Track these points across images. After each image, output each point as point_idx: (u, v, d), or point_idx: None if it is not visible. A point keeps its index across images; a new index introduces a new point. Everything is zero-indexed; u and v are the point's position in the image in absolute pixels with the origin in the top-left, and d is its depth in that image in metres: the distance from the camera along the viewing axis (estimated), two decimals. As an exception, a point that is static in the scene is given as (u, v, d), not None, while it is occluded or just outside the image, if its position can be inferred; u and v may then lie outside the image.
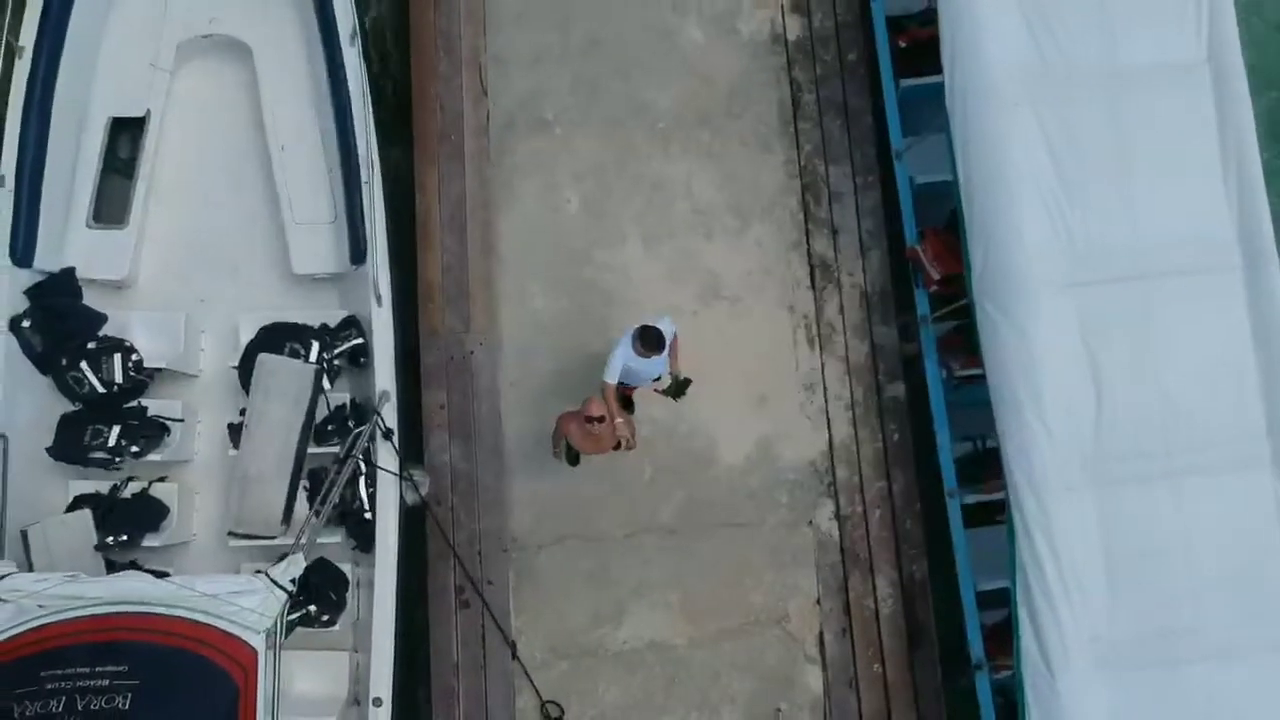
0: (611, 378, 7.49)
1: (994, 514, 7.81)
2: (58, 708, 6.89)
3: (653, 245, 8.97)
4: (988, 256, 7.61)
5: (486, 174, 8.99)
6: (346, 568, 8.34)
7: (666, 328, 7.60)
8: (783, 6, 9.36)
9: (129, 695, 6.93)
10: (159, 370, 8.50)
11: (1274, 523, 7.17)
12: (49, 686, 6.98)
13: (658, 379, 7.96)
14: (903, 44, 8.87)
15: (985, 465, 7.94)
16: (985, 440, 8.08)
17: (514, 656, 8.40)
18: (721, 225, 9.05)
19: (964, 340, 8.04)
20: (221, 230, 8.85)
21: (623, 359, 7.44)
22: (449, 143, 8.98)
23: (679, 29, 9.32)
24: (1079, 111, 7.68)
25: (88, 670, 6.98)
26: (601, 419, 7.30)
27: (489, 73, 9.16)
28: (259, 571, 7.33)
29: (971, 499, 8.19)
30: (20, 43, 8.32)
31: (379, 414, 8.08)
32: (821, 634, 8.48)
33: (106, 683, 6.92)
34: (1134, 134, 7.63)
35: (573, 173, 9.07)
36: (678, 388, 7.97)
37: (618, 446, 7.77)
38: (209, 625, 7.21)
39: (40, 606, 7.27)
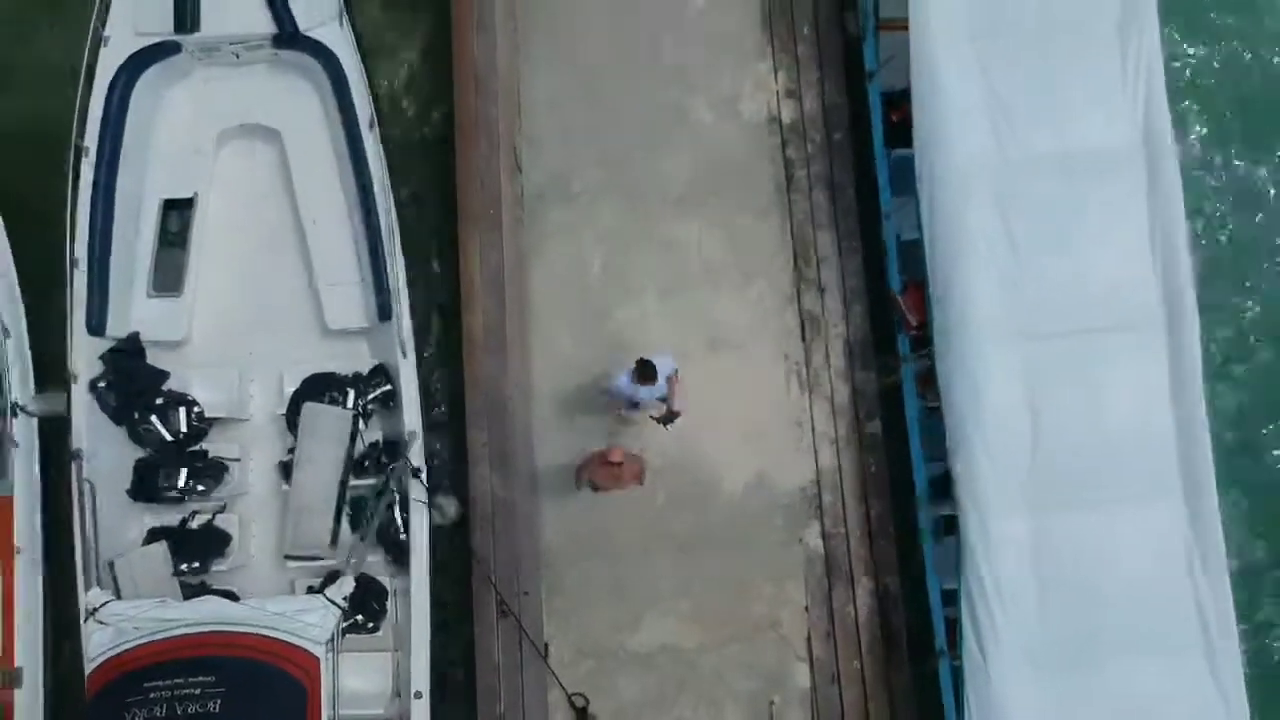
0: (617, 396, 9.09)
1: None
2: (161, 713, 8.24)
3: (666, 301, 10.25)
4: (947, 312, 8.92)
5: (521, 241, 10.32)
6: (385, 580, 9.69)
7: (666, 363, 8.90)
8: (778, 92, 10.64)
9: (219, 700, 8.27)
10: (217, 419, 9.85)
11: (1181, 546, 8.48)
12: (152, 695, 8.30)
13: (662, 399, 9.20)
14: (895, 119, 10.06)
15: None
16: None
17: (545, 658, 9.76)
18: (727, 282, 10.33)
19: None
20: (264, 293, 10.12)
21: (624, 387, 8.97)
22: (488, 216, 10.29)
23: (691, 110, 10.61)
24: (1030, 188, 8.94)
25: (182, 681, 8.33)
26: (621, 463, 8.68)
27: (523, 151, 10.49)
28: (317, 591, 8.82)
29: (939, 512, 9.46)
30: (85, 144, 9.62)
31: (407, 456, 9.43)
32: (809, 637, 9.79)
33: (199, 691, 8.25)
34: (1077, 208, 8.90)
35: (596, 237, 10.38)
36: (668, 418, 9.27)
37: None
38: (279, 639, 8.60)
39: (135, 629, 8.68)
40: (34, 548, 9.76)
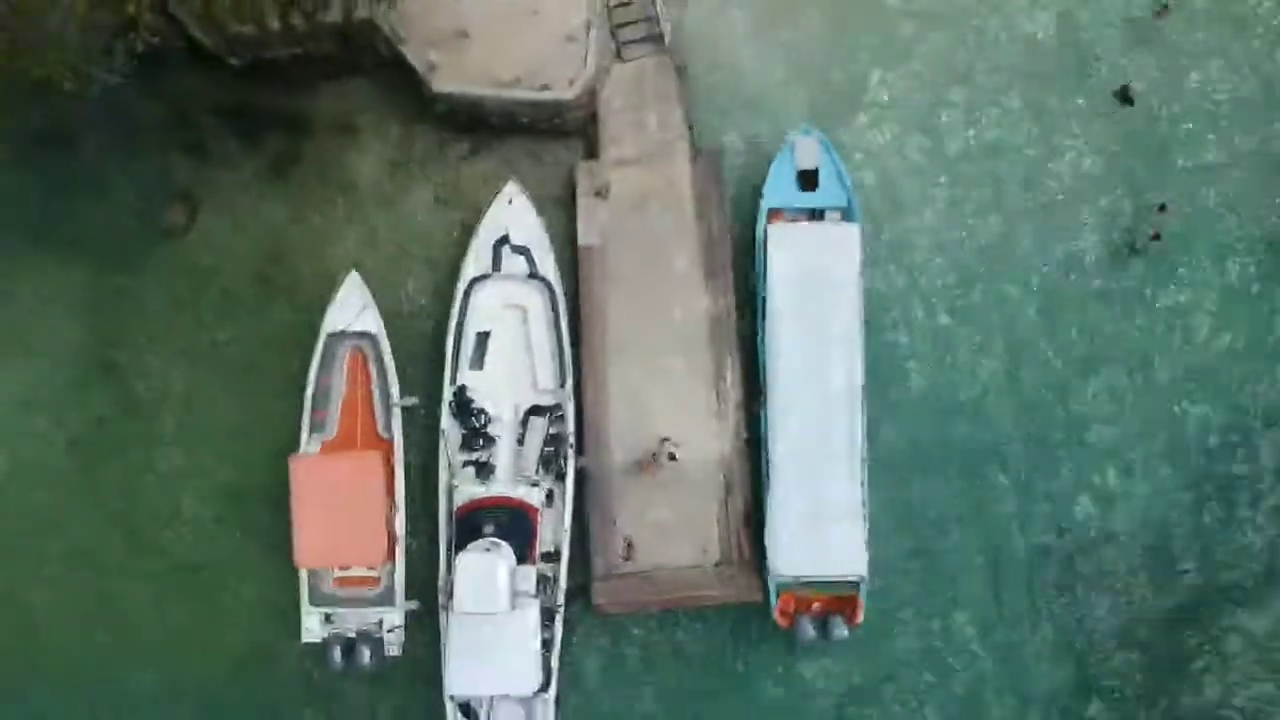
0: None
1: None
2: (483, 523, 23.58)
3: (668, 395, 25.60)
4: (769, 392, 24.38)
5: (609, 367, 25.59)
6: (554, 486, 24.65)
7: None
8: (719, 300, 25.79)
9: (506, 519, 23.70)
10: (493, 418, 24.84)
11: (845, 454, 24.11)
12: (479, 516, 23.73)
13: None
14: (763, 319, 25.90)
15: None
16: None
17: (615, 524, 25.12)
18: (694, 381, 25.62)
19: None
20: (512, 370, 24.90)
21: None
22: (596, 355, 25.35)
23: (674, 308, 25.96)
24: (801, 353, 24.50)
25: (489, 511, 23.79)
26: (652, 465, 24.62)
27: (608, 327, 25.89)
28: (536, 485, 24.21)
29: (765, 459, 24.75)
30: (453, 313, 25.10)
31: (573, 448, 24.85)
32: (718, 514, 25.26)
33: (495, 516, 23.68)
34: (821, 368, 24.39)
35: (639, 369, 25.54)
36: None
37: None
38: (524, 500, 23.96)
39: (475, 493, 24.04)
40: (401, 452, 24.92)
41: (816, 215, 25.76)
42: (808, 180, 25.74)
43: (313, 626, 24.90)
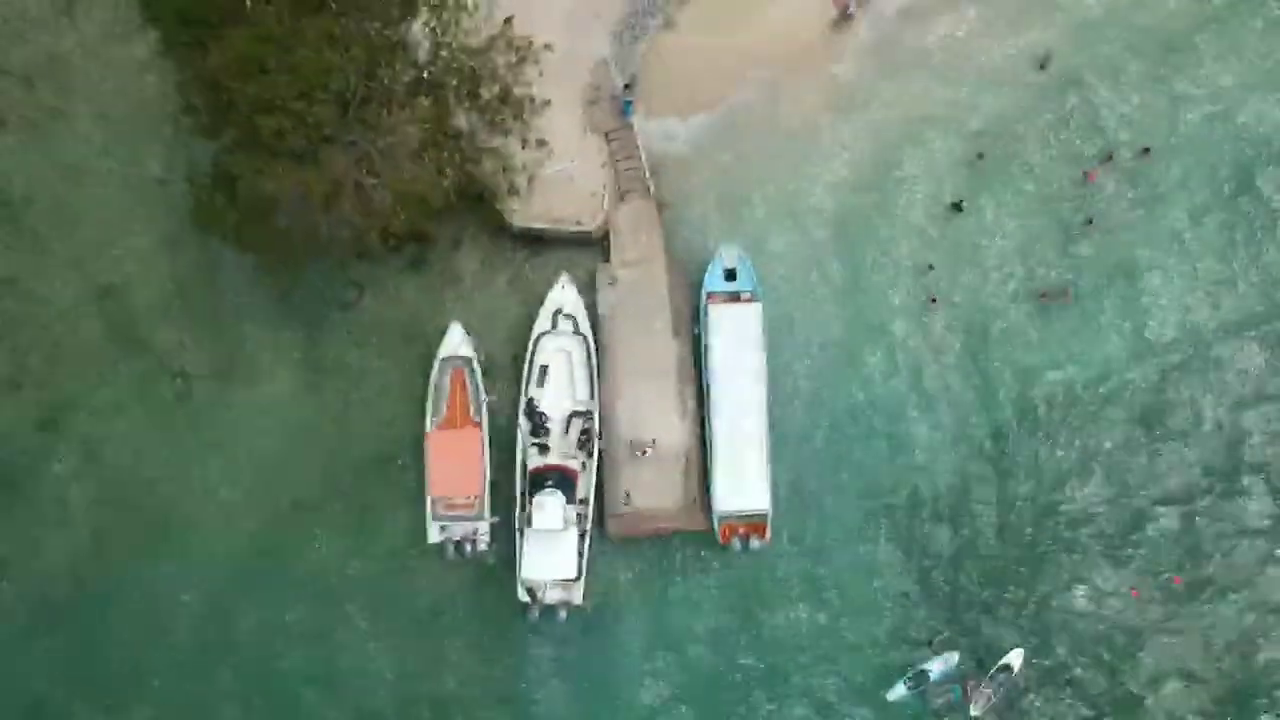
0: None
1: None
2: (547, 480, 41.17)
3: (661, 409, 42.86)
4: (710, 388, 41.84)
5: (616, 392, 42.88)
6: (585, 460, 42.00)
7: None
8: (682, 349, 43.14)
9: (560, 478, 41.39)
10: (549, 418, 42.08)
11: (756, 422, 41.53)
12: (543, 476, 41.40)
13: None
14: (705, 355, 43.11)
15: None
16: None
17: (619, 482, 42.23)
18: (665, 402, 42.99)
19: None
20: (561, 388, 42.30)
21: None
22: (611, 382, 42.88)
23: (658, 352, 43.31)
24: (731, 375, 41.76)
25: (550, 474, 41.81)
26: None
27: (611, 355, 43.07)
28: (574, 459, 41.84)
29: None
30: (529, 348, 42.40)
31: (598, 436, 42.15)
32: (681, 476, 42.48)
33: (554, 476, 41.51)
34: (732, 374, 41.83)
35: (633, 392, 43.01)
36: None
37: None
38: (570, 466, 41.72)
39: (536, 462, 41.72)
40: (485, 429, 42.02)
41: (734, 296, 42.63)
42: (730, 274, 42.80)
43: (434, 532, 41.65)
